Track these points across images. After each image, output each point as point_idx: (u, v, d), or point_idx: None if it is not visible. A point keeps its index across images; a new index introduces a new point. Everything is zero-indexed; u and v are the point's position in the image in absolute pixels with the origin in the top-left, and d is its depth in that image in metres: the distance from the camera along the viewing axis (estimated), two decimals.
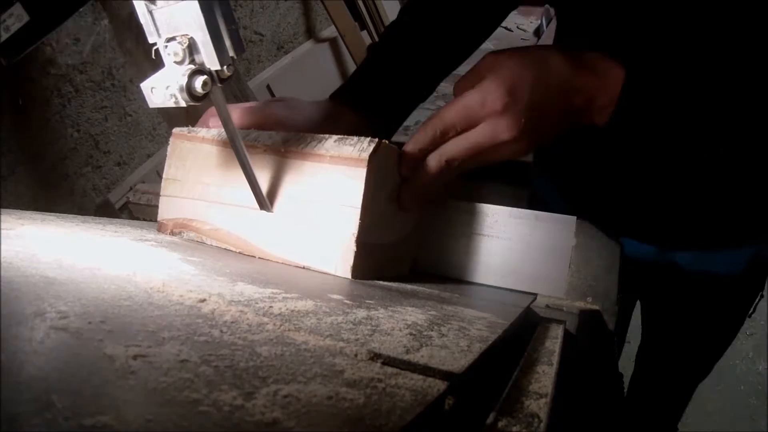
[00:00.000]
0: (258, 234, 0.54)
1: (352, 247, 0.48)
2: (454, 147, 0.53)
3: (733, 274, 0.84)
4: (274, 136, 0.56)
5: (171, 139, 0.64)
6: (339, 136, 0.53)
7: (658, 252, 0.84)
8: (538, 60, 0.53)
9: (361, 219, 0.48)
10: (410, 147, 0.55)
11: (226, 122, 0.50)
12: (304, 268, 0.52)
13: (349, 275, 0.49)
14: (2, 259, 0.33)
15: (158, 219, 0.63)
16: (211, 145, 0.59)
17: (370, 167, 0.49)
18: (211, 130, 0.61)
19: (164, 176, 0.64)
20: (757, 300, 0.91)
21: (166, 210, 0.62)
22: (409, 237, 0.62)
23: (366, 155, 0.49)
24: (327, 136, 0.53)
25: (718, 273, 0.84)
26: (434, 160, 0.54)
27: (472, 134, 0.53)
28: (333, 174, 0.50)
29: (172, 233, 0.60)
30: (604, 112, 0.54)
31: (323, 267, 0.50)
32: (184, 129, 0.63)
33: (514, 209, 0.63)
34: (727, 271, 0.83)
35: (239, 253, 0.55)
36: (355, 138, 0.51)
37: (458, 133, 0.53)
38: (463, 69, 0.64)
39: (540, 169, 0.95)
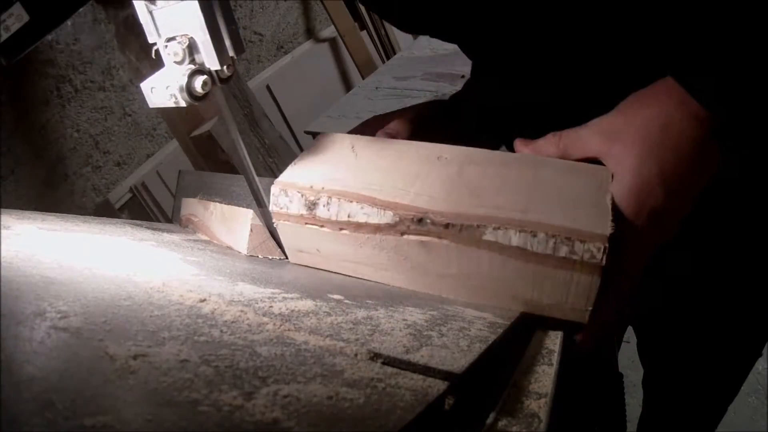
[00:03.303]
0: (216, 227, 0.65)
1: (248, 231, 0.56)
2: None
3: None
4: None
5: None
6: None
7: None
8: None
9: (252, 218, 0.56)
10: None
11: (227, 122, 0.50)
12: (228, 247, 0.59)
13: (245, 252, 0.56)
14: (2, 259, 0.33)
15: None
16: None
17: None
18: None
19: None
20: None
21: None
22: None
23: None
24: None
25: None
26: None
27: None
28: None
29: (184, 225, 0.72)
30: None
31: (236, 246, 0.59)
32: None
33: None
34: None
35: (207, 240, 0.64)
36: None
37: None
38: None
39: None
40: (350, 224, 0.46)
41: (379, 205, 0.45)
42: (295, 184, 0.49)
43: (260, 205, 0.55)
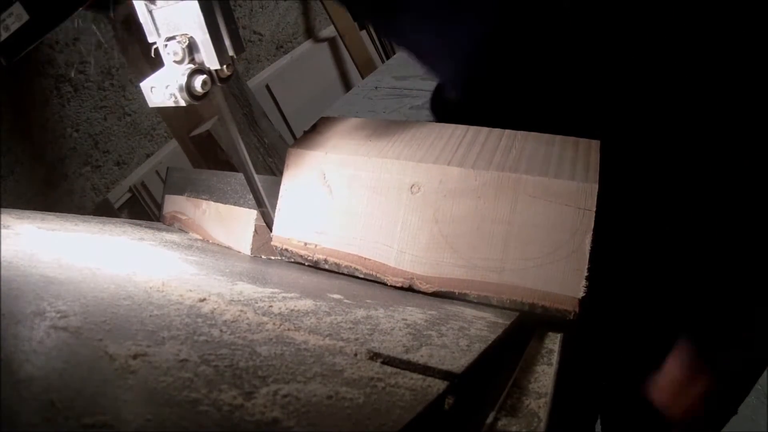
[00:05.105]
0: (211, 226, 0.65)
1: (251, 232, 0.58)
2: None
3: None
4: None
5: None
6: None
7: None
8: None
9: (256, 219, 0.58)
10: None
11: (226, 122, 0.50)
12: (227, 247, 0.60)
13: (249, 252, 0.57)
14: (2, 259, 0.33)
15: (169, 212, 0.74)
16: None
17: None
18: None
19: None
20: None
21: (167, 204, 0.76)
22: None
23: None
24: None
25: None
26: None
27: None
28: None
29: (169, 223, 0.73)
30: None
31: (236, 246, 0.59)
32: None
33: None
34: None
35: (203, 239, 0.65)
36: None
37: None
38: None
39: None
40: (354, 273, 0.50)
41: (370, 268, 0.48)
42: (290, 241, 0.52)
43: (260, 205, 0.55)
